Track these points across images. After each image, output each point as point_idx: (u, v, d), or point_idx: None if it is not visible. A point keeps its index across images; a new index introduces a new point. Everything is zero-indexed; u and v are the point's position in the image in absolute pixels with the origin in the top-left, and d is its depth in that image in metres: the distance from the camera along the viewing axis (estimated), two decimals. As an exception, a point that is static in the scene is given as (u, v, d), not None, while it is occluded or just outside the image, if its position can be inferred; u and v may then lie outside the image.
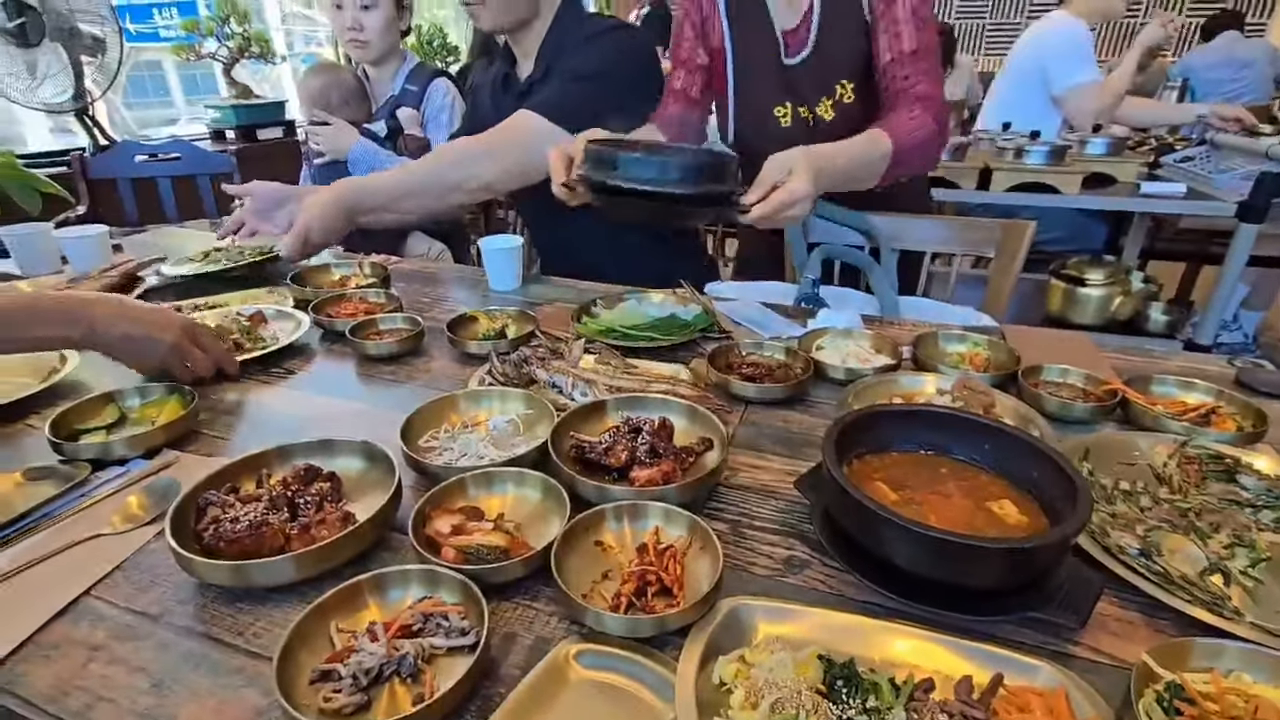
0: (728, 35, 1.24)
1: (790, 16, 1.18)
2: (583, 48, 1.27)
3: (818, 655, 0.48)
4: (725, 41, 1.24)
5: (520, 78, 1.36)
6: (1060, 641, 0.51)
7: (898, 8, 1.08)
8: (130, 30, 4.57)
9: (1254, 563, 0.57)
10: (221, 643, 0.52)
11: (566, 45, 1.29)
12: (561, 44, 1.29)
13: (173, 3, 5.02)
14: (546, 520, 0.62)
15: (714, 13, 1.24)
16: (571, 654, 0.49)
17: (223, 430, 0.81)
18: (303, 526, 0.59)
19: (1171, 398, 0.83)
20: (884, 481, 0.62)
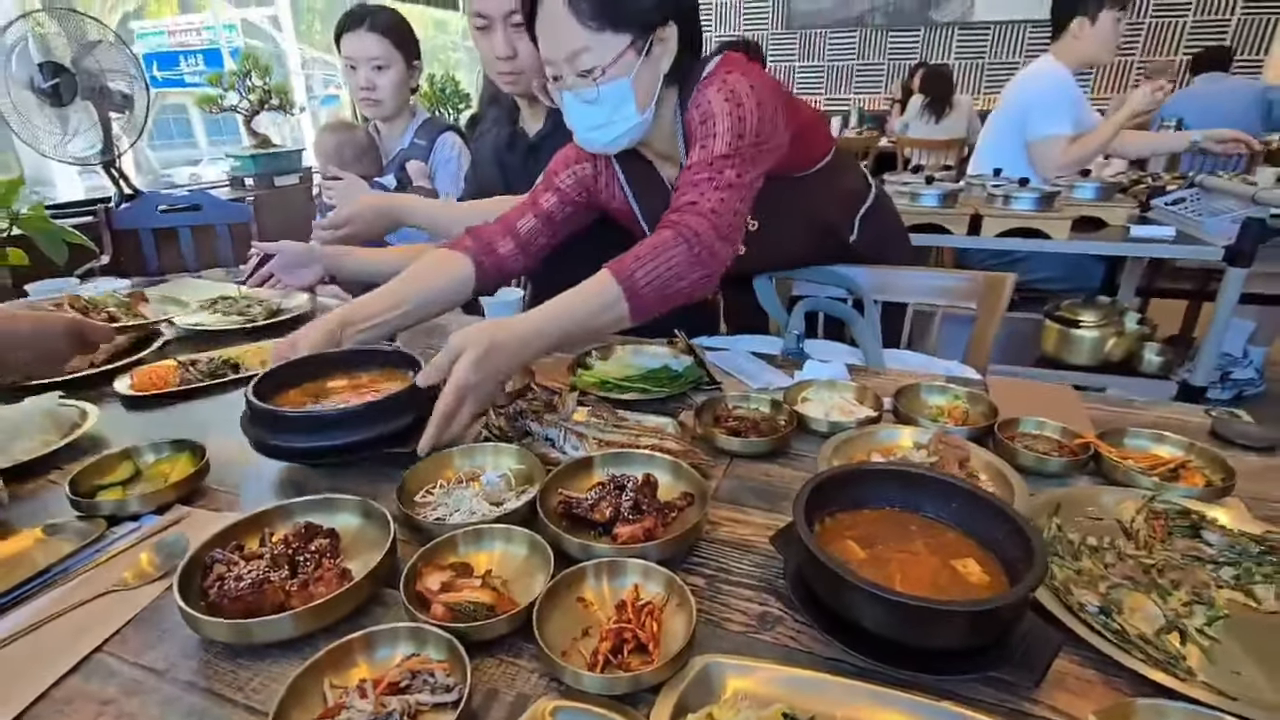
0: (633, 199, 1.25)
1: (676, 177, 1.17)
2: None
3: (782, 713, 0.50)
4: (631, 203, 1.25)
5: (528, 134, 1.43)
6: (1018, 699, 0.54)
7: (692, 140, 1.05)
8: (157, 77, 4.78)
9: (1211, 621, 0.59)
10: (223, 698, 0.55)
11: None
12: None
13: (198, 50, 5.26)
14: (532, 576, 0.66)
15: (613, 176, 1.25)
16: (548, 711, 0.52)
17: (230, 485, 0.85)
18: (301, 584, 0.62)
19: (1143, 451, 0.85)
20: (854, 539, 0.65)
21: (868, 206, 1.36)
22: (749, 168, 1.03)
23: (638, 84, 1.03)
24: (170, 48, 5.25)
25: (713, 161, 1.01)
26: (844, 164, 1.34)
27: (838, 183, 1.31)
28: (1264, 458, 0.87)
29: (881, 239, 1.38)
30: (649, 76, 1.05)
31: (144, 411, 1.05)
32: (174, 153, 5.65)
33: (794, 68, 6.50)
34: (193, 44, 5.25)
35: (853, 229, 1.35)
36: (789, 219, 1.27)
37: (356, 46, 1.85)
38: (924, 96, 4.89)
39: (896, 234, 1.47)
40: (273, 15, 5.28)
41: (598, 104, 1.04)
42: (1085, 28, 2.32)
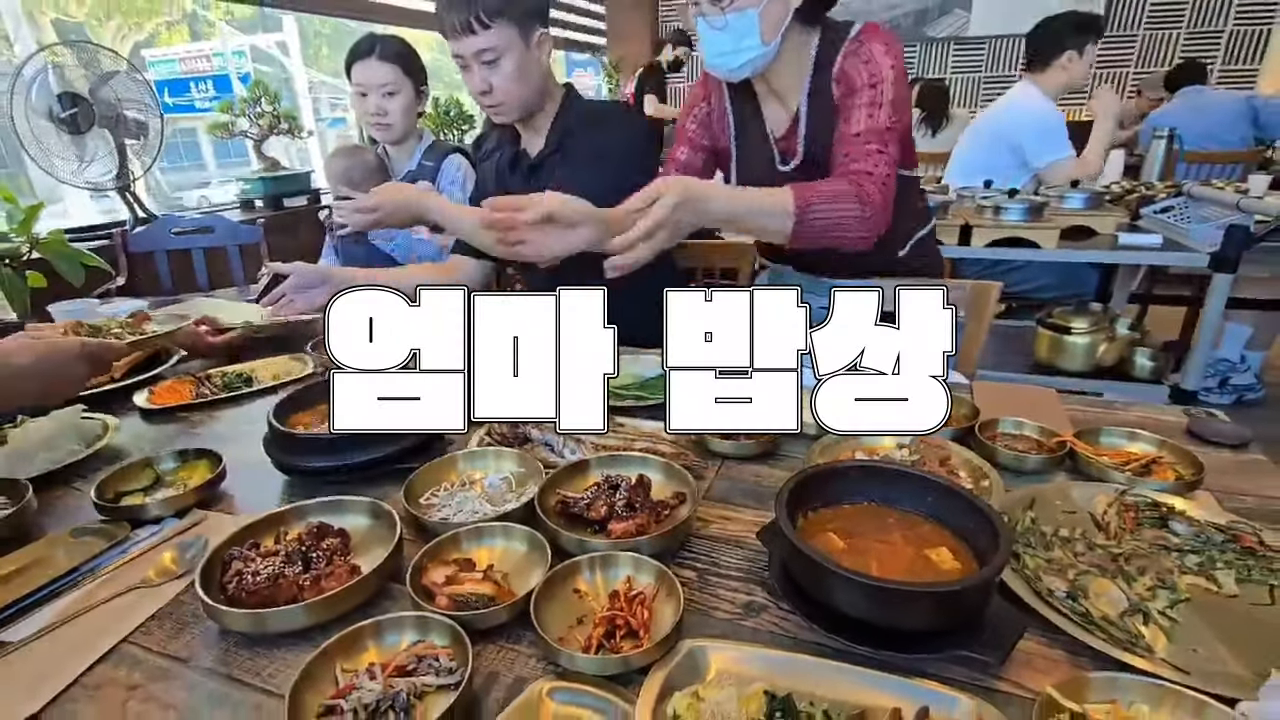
0: (733, 138, 1.35)
1: (781, 123, 1.29)
2: (591, 130, 1.39)
3: (764, 691, 0.54)
4: (730, 144, 1.36)
5: (530, 154, 1.46)
6: (987, 677, 0.57)
7: (856, 95, 1.16)
8: (168, 103, 4.90)
9: (1173, 603, 0.63)
10: (241, 683, 0.59)
11: (574, 126, 1.40)
12: (569, 125, 1.41)
13: (208, 76, 5.39)
14: (531, 570, 0.69)
15: (724, 113, 1.35)
16: (545, 691, 0.56)
17: (245, 489, 0.90)
18: (314, 578, 0.66)
19: (1117, 448, 0.88)
20: (835, 532, 0.69)
21: (925, 232, 1.41)
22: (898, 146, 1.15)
23: (765, 16, 1.12)
24: (181, 75, 5.39)
25: (883, 132, 1.12)
26: (917, 184, 1.40)
27: (911, 198, 1.35)
28: (1236, 454, 0.90)
29: (926, 266, 1.43)
30: (778, 10, 1.13)
31: (162, 424, 1.10)
32: (183, 176, 5.75)
33: (792, 84, 6.59)
34: (203, 70, 5.39)
35: (905, 246, 1.39)
36: None
37: (366, 74, 1.92)
38: (921, 110, 4.95)
39: (937, 264, 1.49)
40: (281, 41, 5.41)
41: (725, 31, 1.13)
42: (1074, 60, 2.41)
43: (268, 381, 1.20)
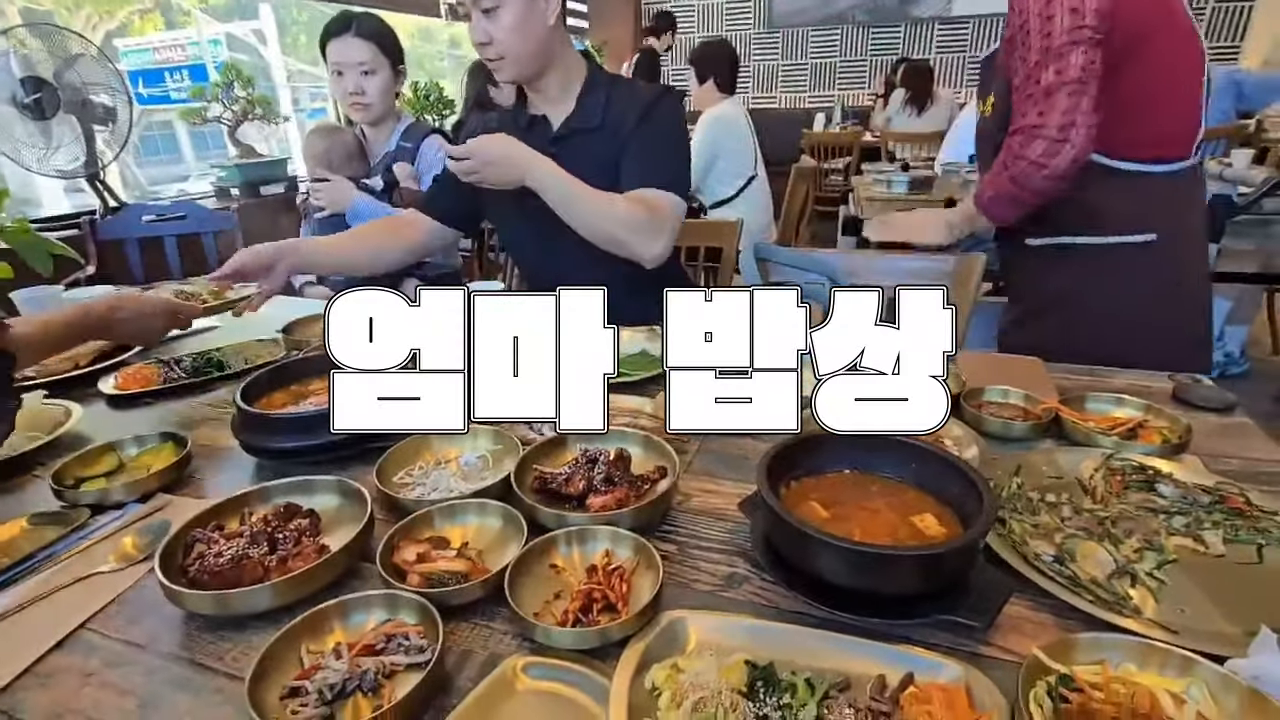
0: None
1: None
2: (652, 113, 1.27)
3: (745, 660, 0.52)
4: None
5: (551, 123, 1.33)
6: (973, 642, 0.56)
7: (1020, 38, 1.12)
8: (142, 94, 4.79)
9: (1160, 564, 0.62)
10: (204, 667, 0.56)
11: (617, 102, 1.28)
12: (608, 99, 1.29)
13: (183, 66, 5.26)
14: (507, 547, 0.67)
15: None
16: (519, 666, 0.54)
17: (213, 473, 0.87)
18: (281, 559, 0.64)
19: (1103, 414, 0.87)
20: (818, 501, 0.67)
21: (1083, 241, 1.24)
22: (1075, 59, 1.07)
23: None
24: (155, 64, 5.26)
25: (1029, 74, 1.09)
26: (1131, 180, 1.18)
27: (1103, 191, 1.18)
28: (1221, 417, 0.89)
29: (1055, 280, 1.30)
30: None
31: (128, 410, 1.07)
32: (161, 170, 5.63)
33: (778, 66, 6.55)
34: (177, 60, 5.25)
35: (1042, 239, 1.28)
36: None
37: (343, 52, 1.86)
38: (906, 91, 4.94)
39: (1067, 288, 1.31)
40: (257, 29, 5.29)
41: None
42: None
43: (238, 365, 1.17)
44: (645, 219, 1.21)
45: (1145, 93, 1.14)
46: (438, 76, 4.89)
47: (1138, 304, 1.21)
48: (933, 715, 0.47)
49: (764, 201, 2.96)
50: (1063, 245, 1.24)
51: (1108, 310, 1.22)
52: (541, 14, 1.22)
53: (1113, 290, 1.21)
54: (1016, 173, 1.13)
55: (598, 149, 1.26)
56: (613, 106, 1.29)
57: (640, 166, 1.25)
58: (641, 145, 1.26)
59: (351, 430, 0.84)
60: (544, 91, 1.31)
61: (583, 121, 1.29)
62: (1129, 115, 1.14)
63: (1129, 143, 1.16)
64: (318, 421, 0.84)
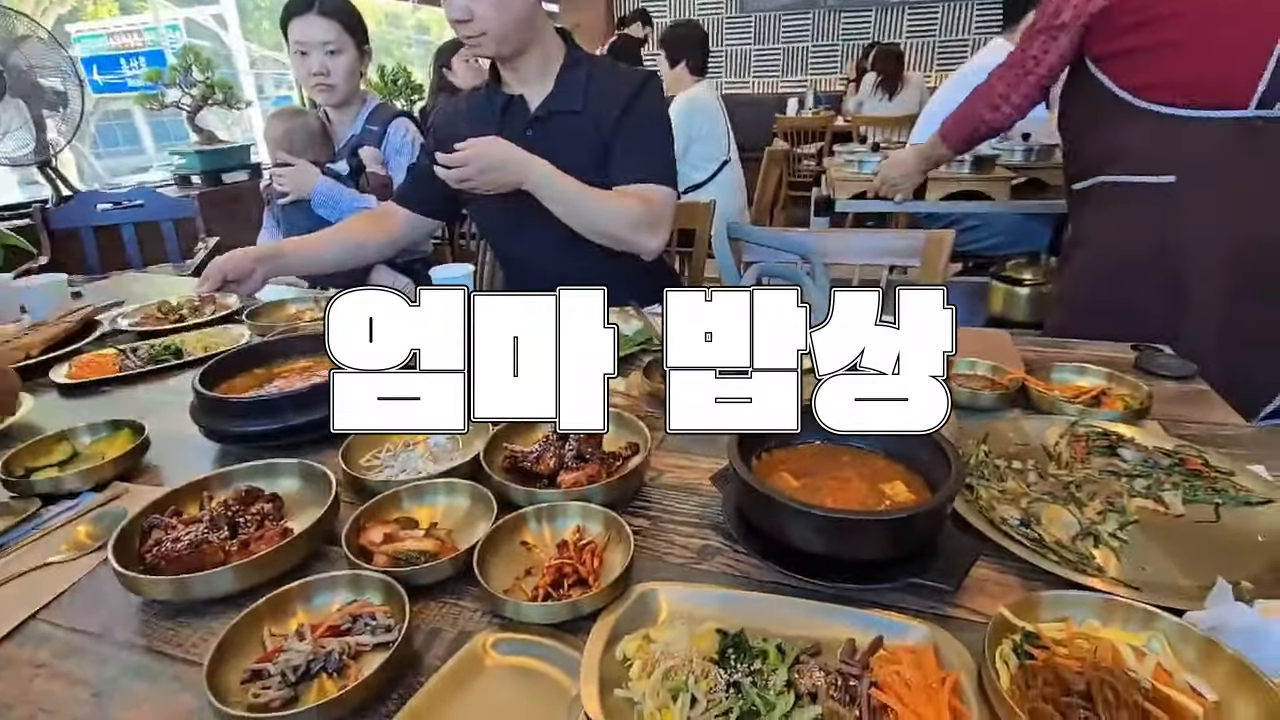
0: None
1: None
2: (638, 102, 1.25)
3: (716, 629, 0.52)
4: None
5: (529, 103, 1.29)
6: (942, 605, 0.56)
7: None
8: (98, 81, 4.62)
9: (1122, 525, 0.63)
10: (161, 654, 0.55)
11: (597, 84, 1.26)
12: (586, 80, 1.26)
13: (140, 52, 5.08)
14: (476, 526, 0.66)
15: None
16: (489, 643, 0.53)
17: (173, 460, 0.84)
18: (242, 543, 0.62)
19: (1068, 383, 0.89)
20: (789, 471, 0.67)
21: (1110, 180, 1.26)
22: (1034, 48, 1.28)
23: None
24: (110, 51, 5.06)
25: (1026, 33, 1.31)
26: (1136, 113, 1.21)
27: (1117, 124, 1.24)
28: (1181, 384, 0.91)
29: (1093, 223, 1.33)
30: None
31: (82, 399, 1.03)
32: (121, 160, 5.45)
33: (750, 51, 6.54)
34: (134, 46, 5.06)
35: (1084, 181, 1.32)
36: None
37: (306, 31, 1.80)
38: (877, 75, 4.96)
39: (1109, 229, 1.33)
40: (218, 14, 5.12)
41: None
42: None
43: (198, 353, 1.13)
44: (645, 215, 1.22)
45: (1169, 38, 1.15)
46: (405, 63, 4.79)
47: (1146, 248, 1.20)
48: (901, 675, 0.47)
49: (737, 185, 2.96)
50: (1092, 186, 1.28)
51: (1116, 251, 1.23)
52: None
53: (1125, 231, 1.22)
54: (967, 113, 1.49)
55: (578, 131, 1.23)
56: (593, 88, 1.26)
57: (633, 160, 1.24)
58: (631, 136, 1.24)
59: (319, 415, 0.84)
60: (521, 70, 1.27)
61: (563, 103, 1.26)
62: (1154, 56, 1.17)
63: (1152, 84, 1.18)
64: (280, 404, 0.82)
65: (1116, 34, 1.21)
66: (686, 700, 0.46)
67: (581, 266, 1.37)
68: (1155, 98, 1.19)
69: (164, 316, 1.30)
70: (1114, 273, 1.24)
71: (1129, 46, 1.20)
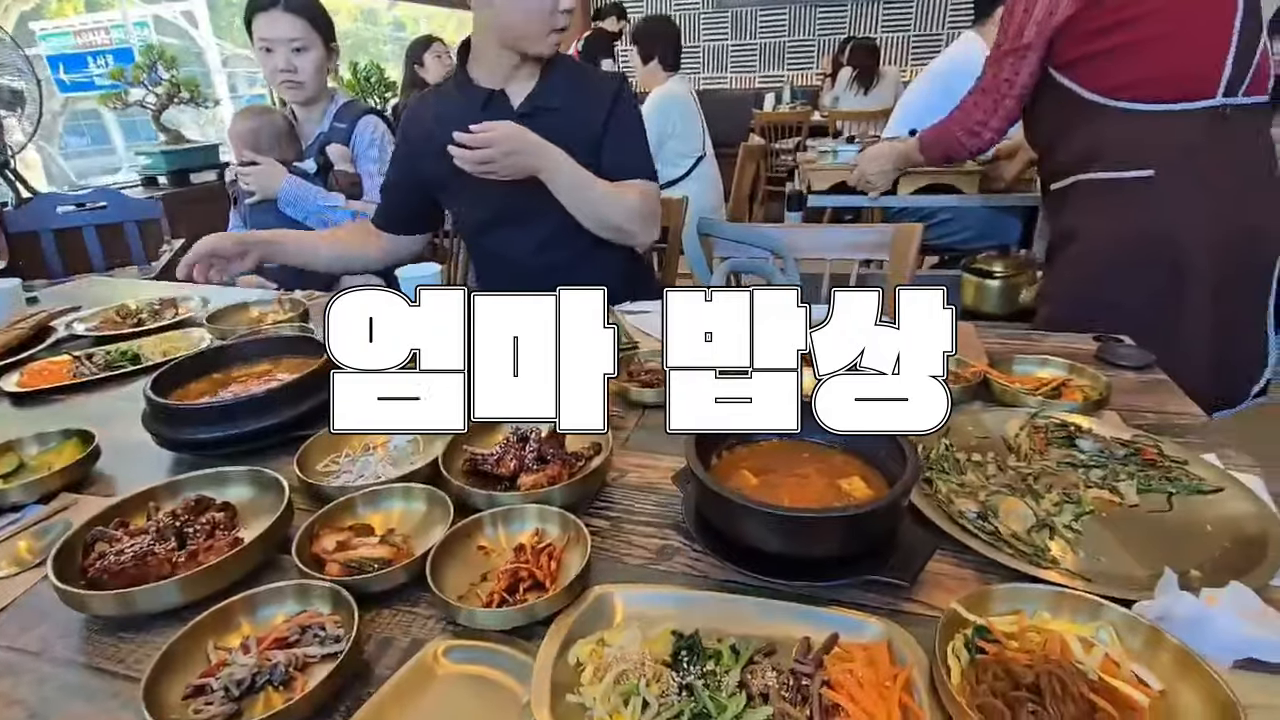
0: None
1: None
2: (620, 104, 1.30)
3: (671, 631, 0.52)
4: None
5: (510, 99, 1.30)
6: (898, 600, 0.56)
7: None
8: (64, 80, 4.50)
9: (1077, 516, 0.63)
10: (102, 671, 0.53)
11: (576, 84, 1.30)
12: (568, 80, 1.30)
13: (108, 50, 4.96)
14: (434, 532, 0.65)
15: None
16: (440, 651, 0.52)
17: (125, 470, 0.82)
18: (190, 554, 0.61)
19: (1029, 375, 0.89)
20: (749, 469, 0.67)
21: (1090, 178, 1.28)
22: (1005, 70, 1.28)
23: None
24: (77, 49, 4.94)
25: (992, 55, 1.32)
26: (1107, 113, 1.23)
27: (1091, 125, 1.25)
28: (1140, 375, 0.92)
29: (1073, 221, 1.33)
30: None
31: (34, 408, 1.00)
32: (90, 161, 5.33)
33: (727, 47, 6.53)
34: (101, 44, 4.94)
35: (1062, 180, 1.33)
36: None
37: (272, 28, 1.77)
38: (852, 69, 4.98)
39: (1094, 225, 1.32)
40: (187, 10, 5.01)
41: None
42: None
43: (157, 358, 1.11)
44: (646, 207, 1.30)
45: (1134, 39, 1.18)
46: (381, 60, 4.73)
47: (1131, 242, 1.23)
48: (854, 673, 0.47)
49: (713, 181, 2.95)
50: (1071, 185, 1.30)
51: (1101, 247, 1.25)
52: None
53: (1108, 226, 1.24)
54: (944, 134, 1.48)
55: (560, 127, 1.25)
56: (571, 86, 1.29)
57: (625, 159, 1.31)
58: (620, 137, 1.30)
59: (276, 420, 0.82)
60: (522, 66, 1.28)
61: (545, 100, 1.28)
62: (1119, 58, 1.20)
63: (1121, 85, 1.21)
64: (235, 410, 0.80)
65: (1082, 41, 1.23)
66: (638, 704, 0.46)
67: (558, 259, 1.38)
68: (1126, 97, 1.21)
69: (122, 321, 1.27)
70: (1103, 266, 1.26)
71: (1094, 51, 1.22)
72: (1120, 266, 1.24)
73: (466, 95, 1.30)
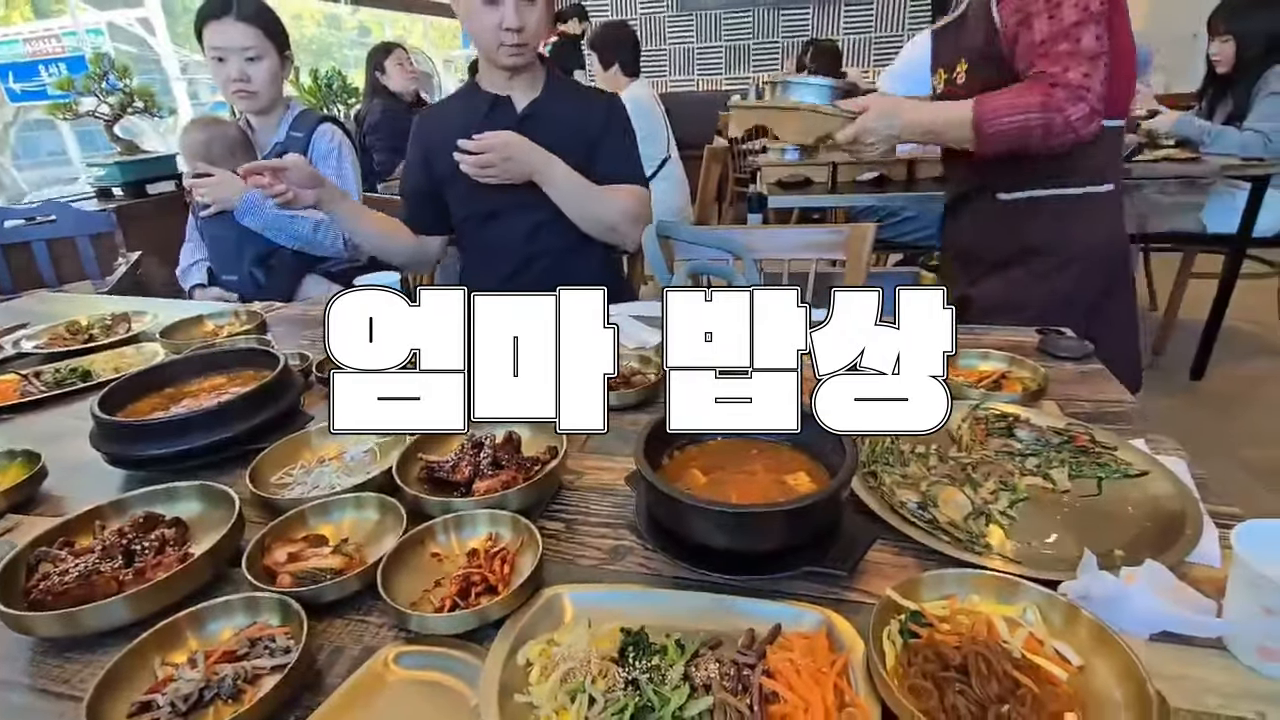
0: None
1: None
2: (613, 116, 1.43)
3: (620, 628, 0.53)
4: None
5: (515, 103, 1.38)
6: (839, 589, 0.58)
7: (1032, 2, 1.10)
8: (14, 89, 4.37)
9: (1013, 503, 0.66)
10: (47, 692, 0.53)
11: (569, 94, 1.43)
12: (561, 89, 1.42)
13: (61, 59, 4.82)
14: (387, 541, 0.65)
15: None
16: (390, 657, 0.53)
17: (74, 490, 0.81)
18: (138, 571, 0.60)
19: (971, 368, 0.93)
20: (699, 468, 0.68)
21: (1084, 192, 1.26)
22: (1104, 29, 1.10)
23: None
24: (28, 57, 4.80)
25: (1069, 30, 1.08)
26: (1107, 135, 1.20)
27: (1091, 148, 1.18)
28: (1078, 365, 0.96)
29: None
30: None
31: (-22, 429, 0.98)
32: (44, 171, 5.17)
33: (692, 49, 6.58)
34: (53, 52, 4.81)
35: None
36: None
37: (223, 37, 1.74)
38: (815, 71, 5.05)
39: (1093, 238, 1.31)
40: (143, 17, 4.89)
41: None
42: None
43: (108, 374, 1.09)
44: (638, 209, 1.39)
45: (1121, 49, 1.18)
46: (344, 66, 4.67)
47: (1098, 250, 1.28)
48: (794, 662, 0.49)
49: (678, 183, 2.98)
50: (1034, 198, 1.28)
51: (1073, 257, 1.27)
52: (552, 4, 1.34)
53: (1078, 237, 1.27)
54: (1051, 123, 1.08)
55: (558, 133, 1.34)
56: (570, 97, 1.42)
57: (620, 166, 1.41)
58: (614, 146, 1.41)
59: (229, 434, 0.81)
60: (524, 75, 1.38)
61: (547, 106, 1.38)
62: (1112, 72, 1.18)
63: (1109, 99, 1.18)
64: (186, 425, 0.80)
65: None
66: (584, 700, 0.47)
67: (549, 246, 1.45)
68: (1111, 113, 1.20)
69: (72, 337, 1.24)
70: (1075, 274, 1.29)
71: None
72: (1093, 273, 1.29)
73: (474, 101, 1.41)
